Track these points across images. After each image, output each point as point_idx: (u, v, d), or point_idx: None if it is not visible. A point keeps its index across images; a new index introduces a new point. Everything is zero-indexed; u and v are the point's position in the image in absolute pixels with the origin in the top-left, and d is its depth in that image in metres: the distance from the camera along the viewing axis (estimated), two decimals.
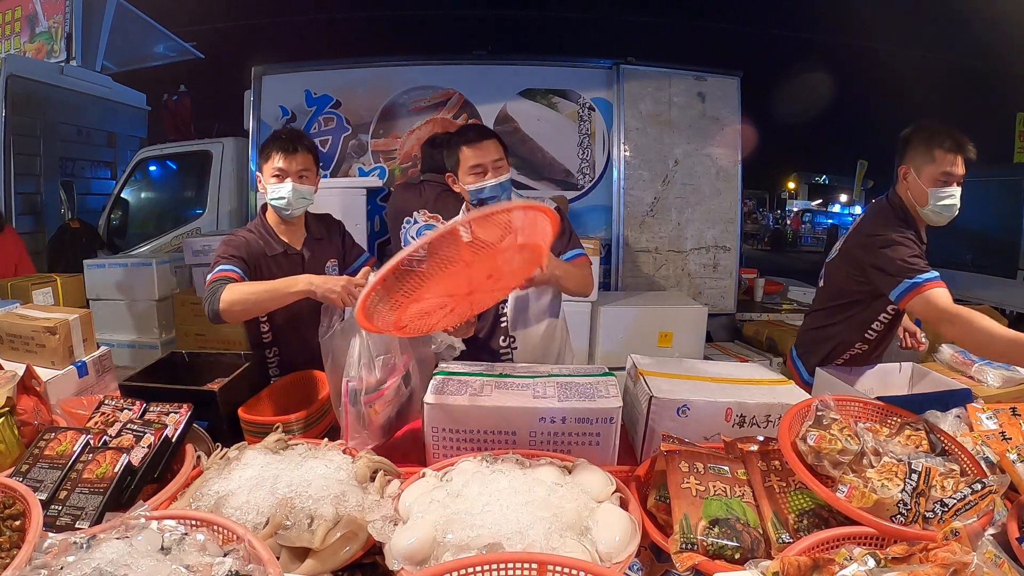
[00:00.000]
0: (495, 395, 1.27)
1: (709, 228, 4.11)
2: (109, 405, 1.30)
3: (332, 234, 1.97)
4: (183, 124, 6.54)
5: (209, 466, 1.13)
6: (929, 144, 1.66)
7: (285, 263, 1.81)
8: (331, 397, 1.35)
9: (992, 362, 1.72)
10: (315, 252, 1.88)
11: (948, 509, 0.92)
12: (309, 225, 1.91)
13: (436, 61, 4.17)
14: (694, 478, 1.02)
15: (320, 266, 1.87)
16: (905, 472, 0.98)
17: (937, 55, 10.40)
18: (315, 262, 1.86)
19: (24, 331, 1.62)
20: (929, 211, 1.69)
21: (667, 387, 1.35)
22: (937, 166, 1.64)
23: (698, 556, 0.89)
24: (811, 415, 1.11)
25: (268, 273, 1.76)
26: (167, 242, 4.96)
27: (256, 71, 4.08)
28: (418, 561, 0.86)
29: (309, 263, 1.84)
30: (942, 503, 0.94)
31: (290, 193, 1.74)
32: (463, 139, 1.78)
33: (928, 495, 0.95)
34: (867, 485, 0.97)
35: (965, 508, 0.92)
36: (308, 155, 1.78)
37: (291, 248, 1.84)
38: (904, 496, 0.94)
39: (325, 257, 1.91)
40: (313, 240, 1.89)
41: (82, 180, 6.09)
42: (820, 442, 1.03)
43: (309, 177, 1.78)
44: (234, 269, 1.67)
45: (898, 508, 0.93)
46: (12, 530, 0.91)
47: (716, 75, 4.09)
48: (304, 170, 1.76)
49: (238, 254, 1.72)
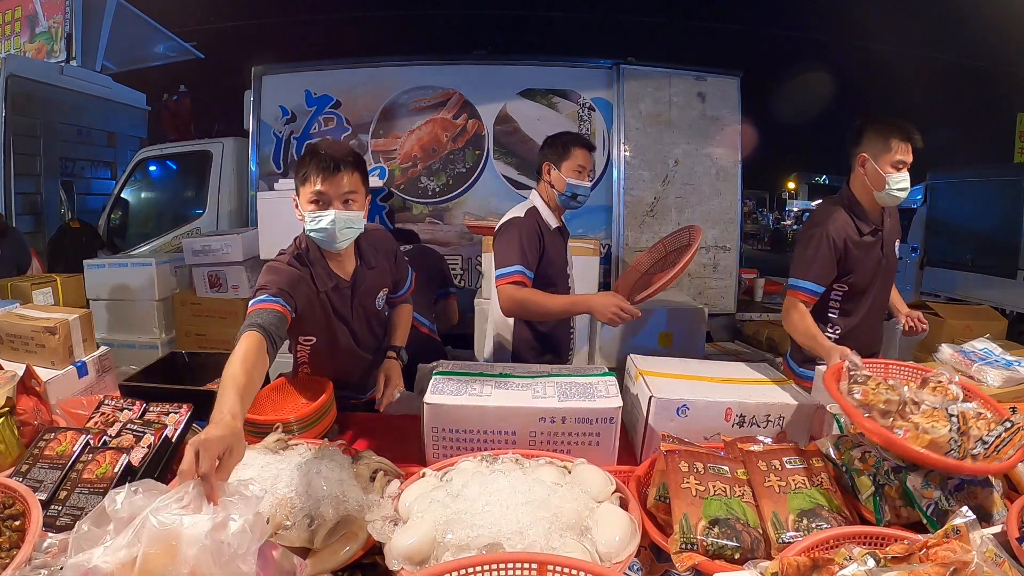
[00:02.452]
0: (495, 395, 1.27)
1: (709, 228, 4.11)
2: (109, 405, 1.30)
3: (383, 256, 1.67)
4: (183, 124, 6.54)
5: None
6: (885, 134, 1.82)
7: (335, 296, 1.55)
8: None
9: (993, 362, 1.72)
10: (367, 284, 1.61)
11: (988, 446, 1.03)
12: (362, 251, 1.61)
13: (436, 61, 4.17)
14: (694, 478, 1.02)
15: (371, 297, 1.64)
16: (945, 416, 1.07)
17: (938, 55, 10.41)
18: (365, 294, 1.62)
19: (24, 331, 1.62)
20: (885, 194, 1.85)
21: (667, 387, 1.35)
22: (893, 153, 1.81)
23: (698, 556, 0.89)
24: (844, 377, 1.21)
25: (319, 307, 1.52)
26: (167, 242, 4.95)
27: (256, 71, 4.09)
28: (418, 561, 0.86)
29: (358, 296, 1.60)
30: (982, 441, 1.04)
31: (332, 224, 1.42)
32: (581, 142, 1.99)
33: (969, 435, 1.05)
34: (918, 428, 1.05)
35: (1001, 445, 1.02)
36: (354, 173, 1.45)
37: (343, 282, 1.56)
38: (953, 435, 1.03)
39: (376, 288, 1.65)
40: (365, 270, 1.61)
41: (82, 180, 6.09)
42: (866, 395, 1.13)
43: (357, 200, 1.46)
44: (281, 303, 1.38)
45: (950, 445, 1.02)
46: (12, 530, 0.91)
47: (716, 75, 4.09)
48: (350, 192, 1.44)
49: (288, 289, 1.42)
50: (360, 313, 1.63)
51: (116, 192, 5.40)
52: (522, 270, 1.85)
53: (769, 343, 3.84)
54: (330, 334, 1.58)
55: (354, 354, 1.65)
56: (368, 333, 1.67)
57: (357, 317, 1.62)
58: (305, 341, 1.60)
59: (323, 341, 1.59)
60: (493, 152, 4.06)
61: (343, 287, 1.56)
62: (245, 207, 4.57)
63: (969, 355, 1.77)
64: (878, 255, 1.92)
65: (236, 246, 3.76)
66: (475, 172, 4.07)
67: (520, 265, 1.85)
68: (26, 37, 6.56)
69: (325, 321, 1.56)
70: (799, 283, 1.86)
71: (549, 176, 2.00)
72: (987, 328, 2.25)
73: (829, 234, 1.84)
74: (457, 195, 4.09)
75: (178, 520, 0.73)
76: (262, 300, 1.37)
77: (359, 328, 1.64)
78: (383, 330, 1.75)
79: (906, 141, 1.81)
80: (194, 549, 0.71)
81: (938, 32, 9.37)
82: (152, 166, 5.47)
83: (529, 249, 1.88)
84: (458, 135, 4.06)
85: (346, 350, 1.63)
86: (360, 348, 1.66)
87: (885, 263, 1.95)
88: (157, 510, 0.74)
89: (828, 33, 11.48)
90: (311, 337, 1.58)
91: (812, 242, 1.86)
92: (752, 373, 1.53)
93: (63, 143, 5.70)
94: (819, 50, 12.18)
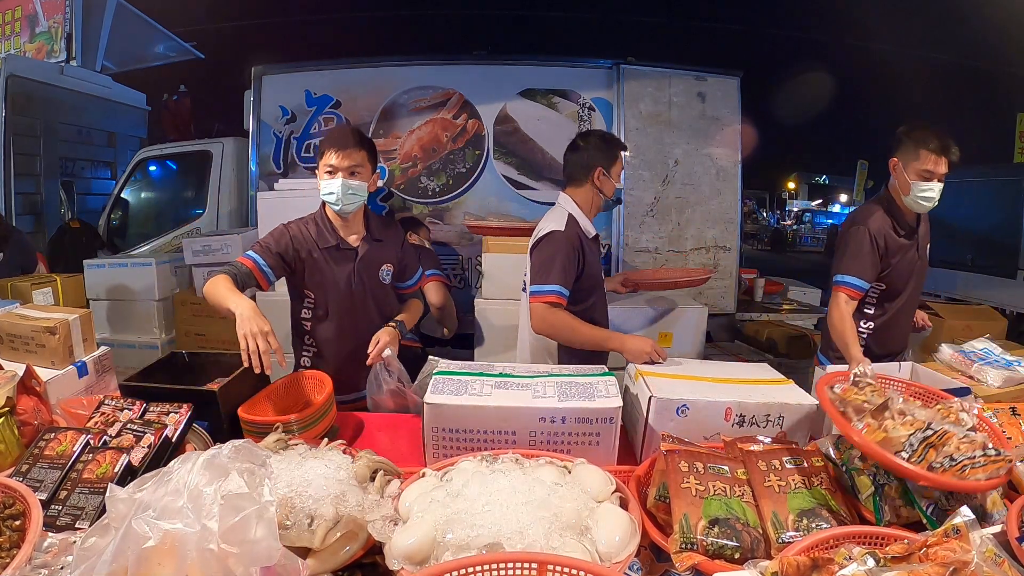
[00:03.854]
0: (495, 395, 1.27)
1: (709, 228, 4.11)
2: (109, 405, 1.30)
3: (392, 239, 1.96)
4: (183, 124, 6.54)
5: None
6: (917, 143, 1.89)
7: (338, 256, 1.84)
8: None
9: (993, 362, 1.72)
10: (371, 252, 1.88)
11: (956, 463, 0.95)
12: (370, 224, 1.91)
13: (436, 61, 4.17)
14: (694, 478, 1.02)
15: (375, 267, 1.89)
16: (922, 427, 1.02)
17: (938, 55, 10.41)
18: (369, 262, 1.88)
19: (24, 331, 1.62)
20: (910, 200, 1.93)
21: (667, 387, 1.35)
22: (921, 163, 1.88)
23: (698, 556, 0.89)
24: (847, 379, 1.23)
25: (320, 263, 1.82)
26: (167, 242, 4.96)
27: (256, 71, 4.09)
28: (418, 561, 0.86)
29: (361, 261, 1.86)
30: (951, 458, 0.96)
31: (339, 188, 1.75)
32: (622, 144, 2.07)
33: (940, 449, 0.97)
34: (880, 427, 1.03)
35: (972, 466, 0.94)
36: (361, 151, 1.78)
37: (345, 243, 1.86)
38: (912, 440, 0.99)
39: (381, 260, 1.91)
40: (372, 240, 1.89)
41: (82, 180, 6.09)
42: (846, 392, 1.15)
43: (361, 174, 1.78)
44: (259, 262, 1.74)
45: (903, 446, 0.98)
46: (12, 530, 0.91)
47: (716, 75, 4.09)
48: (356, 166, 1.76)
49: (275, 248, 1.77)
50: (362, 279, 1.86)
51: (116, 192, 5.40)
52: (559, 290, 1.83)
53: (769, 343, 3.84)
54: (328, 288, 1.83)
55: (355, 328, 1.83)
56: (370, 302, 1.88)
57: (359, 282, 1.85)
58: (308, 303, 1.86)
59: (323, 302, 1.84)
60: (493, 152, 4.06)
61: (345, 249, 1.84)
62: (245, 207, 4.57)
63: (969, 355, 1.76)
64: (913, 256, 2.01)
65: (236, 246, 3.76)
66: (475, 172, 4.07)
67: (558, 284, 1.83)
68: (26, 37, 6.55)
69: (321, 277, 1.83)
70: (845, 279, 1.92)
71: (599, 181, 1.95)
72: (987, 328, 2.26)
73: (870, 231, 1.91)
74: (457, 195, 4.09)
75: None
76: (244, 255, 1.75)
77: (359, 295, 1.86)
78: (384, 307, 1.92)
79: (937, 153, 1.85)
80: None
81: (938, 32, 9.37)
82: (152, 166, 5.47)
83: (568, 267, 1.86)
84: (458, 135, 4.06)
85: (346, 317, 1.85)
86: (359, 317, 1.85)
87: (919, 264, 2.04)
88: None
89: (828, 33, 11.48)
90: (311, 295, 1.85)
91: (855, 239, 1.93)
92: (752, 373, 1.53)
93: (63, 143, 5.70)
94: (819, 50, 12.18)
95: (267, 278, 1.76)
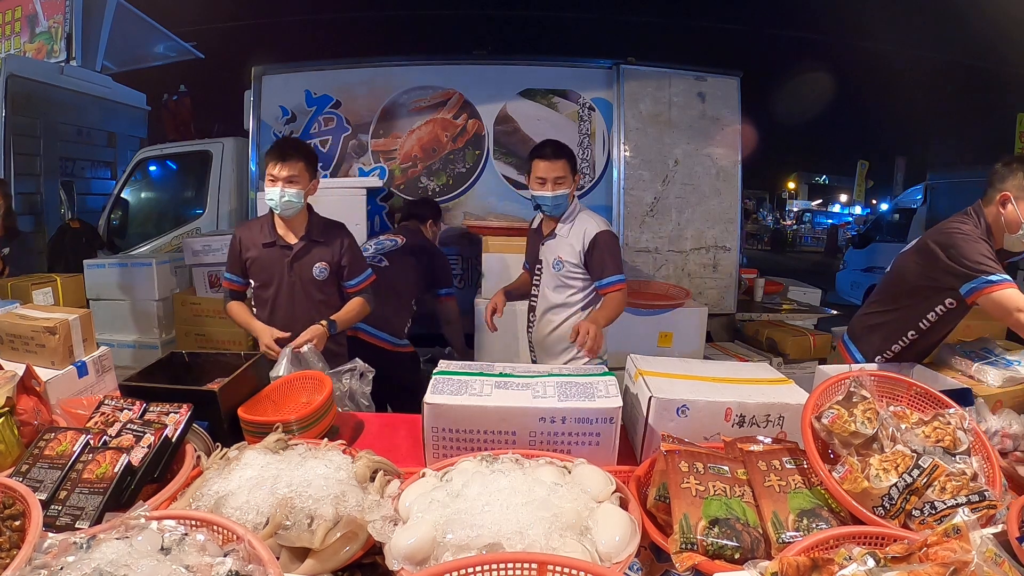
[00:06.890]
0: (495, 395, 1.27)
1: (709, 228, 4.10)
2: (109, 405, 1.30)
3: (332, 241, 2.18)
4: (183, 124, 6.54)
5: (209, 466, 1.13)
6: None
7: (275, 252, 2.13)
8: None
9: (993, 361, 1.72)
10: (306, 249, 2.14)
11: (936, 513, 0.93)
12: (312, 227, 2.16)
13: (436, 61, 4.17)
14: (694, 478, 1.02)
15: (309, 264, 2.14)
16: (908, 466, 0.98)
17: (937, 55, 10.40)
18: (304, 258, 2.14)
19: (24, 331, 1.62)
20: (1017, 239, 1.74)
21: (667, 387, 1.35)
22: None
23: (698, 556, 0.89)
24: (843, 390, 1.15)
25: (261, 258, 2.14)
26: (167, 242, 4.96)
27: (256, 71, 4.08)
28: (418, 561, 0.86)
29: (296, 257, 2.13)
30: (932, 505, 0.95)
31: (277, 195, 2.02)
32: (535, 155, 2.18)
33: (922, 494, 0.96)
34: (864, 471, 0.99)
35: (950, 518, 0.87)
36: (298, 162, 2.02)
37: (283, 241, 2.14)
38: (893, 491, 0.96)
39: (315, 258, 2.15)
40: (309, 239, 2.14)
41: (82, 180, 6.08)
42: (834, 423, 1.08)
43: (299, 182, 2.04)
44: (233, 279, 2.19)
45: (882, 501, 0.96)
46: (12, 530, 0.90)
47: (716, 75, 4.08)
48: (294, 176, 2.02)
49: (233, 258, 2.18)
50: (295, 273, 2.13)
51: (116, 192, 5.40)
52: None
53: (769, 343, 3.83)
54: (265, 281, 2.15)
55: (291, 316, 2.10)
56: (303, 296, 2.14)
57: (292, 275, 2.13)
58: (256, 284, 2.18)
59: (261, 286, 2.16)
60: (493, 152, 4.06)
61: (282, 246, 2.13)
62: (245, 207, 4.56)
63: (969, 355, 1.77)
64: None
65: None
66: (475, 172, 4.07)
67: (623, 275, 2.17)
68: (26, 37, 6.55)
69: (259, 269, 2.15)
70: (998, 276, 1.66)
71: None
72: (987, 328, 2.25)
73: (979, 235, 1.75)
74: (457, 195, 4.08)
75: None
76: (225, 278, 2.22)
77: (289, 286, 2.13)
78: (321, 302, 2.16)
79: None
80: None
81: (938, 32, 9.36)
82: (152, 166, 5.47)
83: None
84: (458, 135, 4.06)
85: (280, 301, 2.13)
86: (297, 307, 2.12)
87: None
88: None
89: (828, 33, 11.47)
90: (255, 284, 2.18)
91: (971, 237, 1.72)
92: (752, 373, 1.53)
93: (63, 143, 5.69)
94: (819, 50, 12.17)
95: (244, 284, 2.21)
